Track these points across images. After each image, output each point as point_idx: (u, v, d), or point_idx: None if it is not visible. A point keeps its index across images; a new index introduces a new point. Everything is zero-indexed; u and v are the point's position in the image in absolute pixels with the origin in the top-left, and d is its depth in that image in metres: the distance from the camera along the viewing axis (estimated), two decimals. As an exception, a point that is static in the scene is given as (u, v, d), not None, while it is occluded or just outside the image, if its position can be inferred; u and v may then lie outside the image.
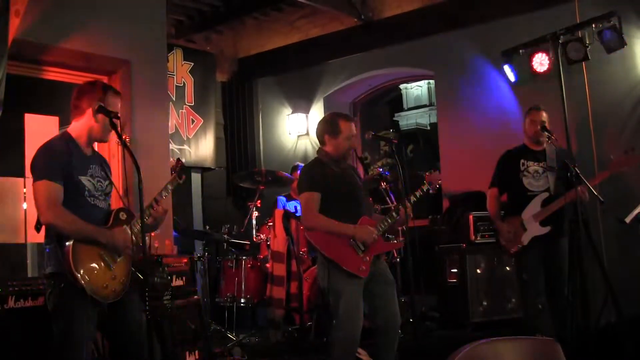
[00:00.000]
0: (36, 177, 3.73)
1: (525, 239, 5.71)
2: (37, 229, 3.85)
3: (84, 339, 3.68)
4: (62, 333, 3.66)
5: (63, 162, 3.75)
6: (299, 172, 7.64)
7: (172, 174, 4.32)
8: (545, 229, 5.67)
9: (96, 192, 3.90)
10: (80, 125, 3.94)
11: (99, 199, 3.91)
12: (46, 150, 3.80)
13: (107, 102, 3.90)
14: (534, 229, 5.70)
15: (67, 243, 3.61)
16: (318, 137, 5.04)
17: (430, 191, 5.17)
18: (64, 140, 3.88)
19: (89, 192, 3.86)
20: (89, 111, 3.88)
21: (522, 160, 5.87)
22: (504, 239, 5.84)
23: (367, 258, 4.69)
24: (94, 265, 3.69)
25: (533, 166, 5.83)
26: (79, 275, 3.57)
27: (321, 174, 4.81)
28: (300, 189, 4.92)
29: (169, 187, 4.22)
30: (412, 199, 4.97)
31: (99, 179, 3.96)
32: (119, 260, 3.81)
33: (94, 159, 4.03)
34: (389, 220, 4.87)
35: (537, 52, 7.04)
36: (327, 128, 4.97)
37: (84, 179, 3.84)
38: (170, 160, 4.53)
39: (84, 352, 3.68)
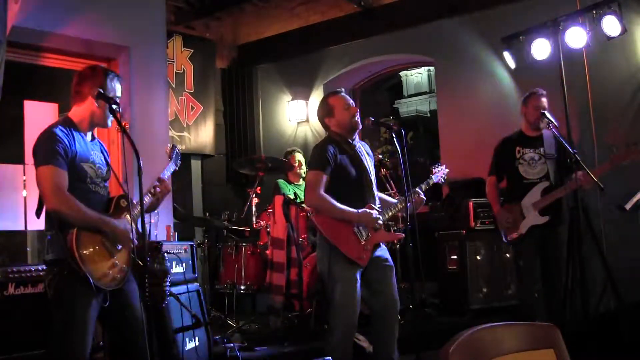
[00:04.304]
0: (40, 162, 3.69)
1: (524, 227, 5.69)
2: (38, 214, 3.83)
3: (86, 327, 3.66)
4: (64, 321, 3.64)
5: (66, 148, 3.71)
6: (295, 156, 7.65)
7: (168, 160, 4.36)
8: (544, 219, 5.65)
9: (97, 179, 3.88)
10: (82, 111, 3.90)
11: (99, 186, 3.89)
12: (49, 135, 3.74)
13: (109, 87, 3.87)
14: (533, 218, 5.67)
15: (70, 230, 3.59)
16: (323, 126, 5.02)
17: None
18: (67, 126, 3.83)
19: (91, 179, 3.83)
20: (90, 96, 3.86)
21: (517, 148, 5.83)
22: (503, 226, 5.82)
23: (369, 246, 4.69)
24: (97, 252, 3.67)
25: (529, 153, 5.79)
26: (81, 262, 3.56)
27: (333, 153, 4.75)
28: (310, 165, 4.91)
29: (167, 172, 4.25)
30: (420, 190, 4.96)
31: (99, 165, 3.94)
32: (120, 248, 3.81)
33: (95, 144, 4.01)
34: (393, 210, 4.87)
35: (537, 38, 7.01)
36: (322, 112, 4.96)
37: (86, 165, 3.81)
38: (166, 147, 4.53)
39: (87, 341, 3.67)
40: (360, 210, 4.68)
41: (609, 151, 5.78)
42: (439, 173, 5.32)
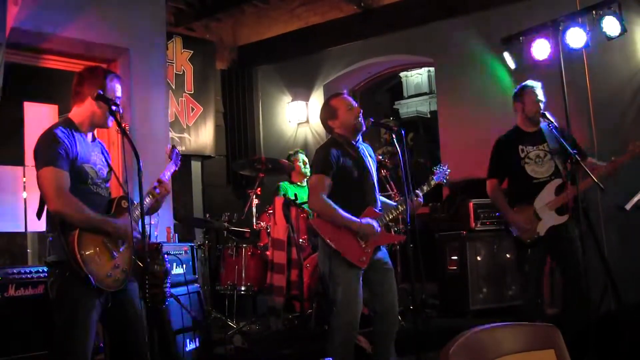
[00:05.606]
0: (41, 163, 3.69)
1: (542, 229, 5.39)
2: (39, 215, 3.82)
3: (88, 329, 3.66)
4: (66, 322, 3.63)
5: (67, 149, 3.71)
6: (298, 157, 7.64)
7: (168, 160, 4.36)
8: (563, 218, 5.38)
9: (98, 180, 3.87)
10: (82, 111, 3.90)
11: (100, 187, 3.89)
12: (50, 136, 3.74)
13: (108, 88, 3.87)
14: (551, 218, 5.39)
15: (72, 231, 3.58)
16: (326, 128, 5.03)
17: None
18: (67, 127, 3.83)
19: (92, 180, 3.83)
20: (90, 97, 3.86)
21: (520, 147, 5.57)
22: (521, 230, 5.46)
23: (369, 249, 4.69)
24: (98, 253, 3.67)
25: (533, 151, 5.54)
26: (83, 263, 3.56)
27: (336, 156, 4.74)
28: (313, 169, 4.94)
29: (167, 173, 4.24)
30: (420, 192, 4.95)
31: (100, 166, 3.93)
32: (121, 249, 3.80)
33: (96, 145, 4.01)
34: (394, 212, 4.86)
35: (537, 39, 7.00)
36: (325, 114, 4.96)
37: (87, 166, 3.81)
38: (166, 148, 4.52)
39: (88, 342, 3.67)
40: (363, 220, 4.67)
41: (613, 148, 5.74)
42: (441, 173, 5.28)
